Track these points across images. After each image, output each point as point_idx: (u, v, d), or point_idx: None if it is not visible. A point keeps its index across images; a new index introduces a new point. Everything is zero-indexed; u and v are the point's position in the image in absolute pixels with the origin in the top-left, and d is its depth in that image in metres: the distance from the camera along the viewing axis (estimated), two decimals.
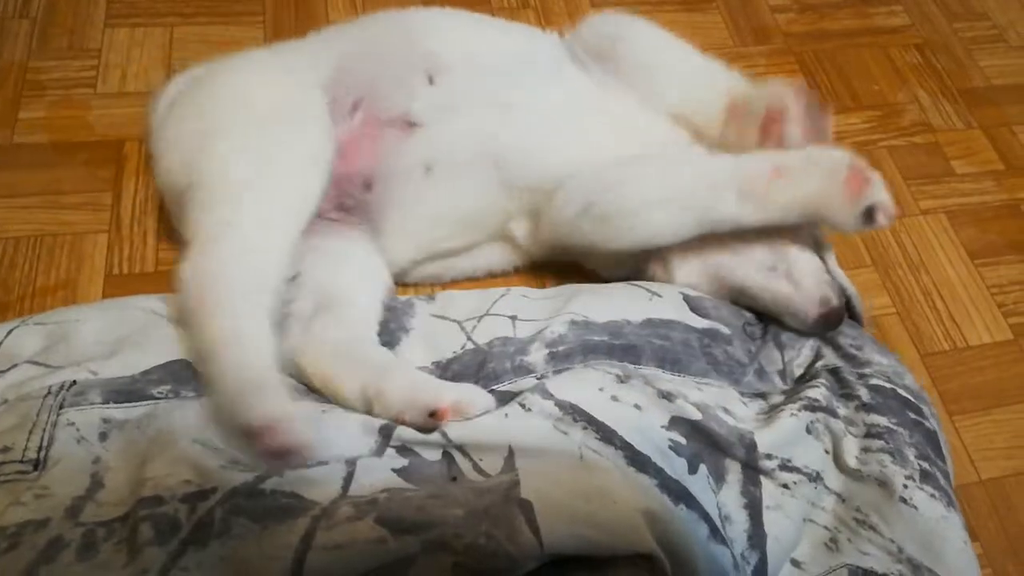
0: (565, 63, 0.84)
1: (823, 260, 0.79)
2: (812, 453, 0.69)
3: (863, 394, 0.72)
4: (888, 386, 0.73)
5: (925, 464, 0.69)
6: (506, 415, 0.65)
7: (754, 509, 0.66)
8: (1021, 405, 0.87)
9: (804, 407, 0.70)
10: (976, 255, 0.99)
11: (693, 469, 0.65)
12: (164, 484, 0.57)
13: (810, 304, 0.75)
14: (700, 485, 0.64)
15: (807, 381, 0.74)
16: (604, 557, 0.56)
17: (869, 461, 0.69)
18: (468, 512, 0.56)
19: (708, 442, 0.67)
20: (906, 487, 0.67)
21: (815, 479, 0.69)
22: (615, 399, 0.66)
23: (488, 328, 0.74)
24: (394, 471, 0.61)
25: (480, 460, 0.62)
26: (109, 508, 0.57)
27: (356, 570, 0.53)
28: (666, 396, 0.68)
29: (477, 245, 0.84)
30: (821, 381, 0.73)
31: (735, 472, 0.67)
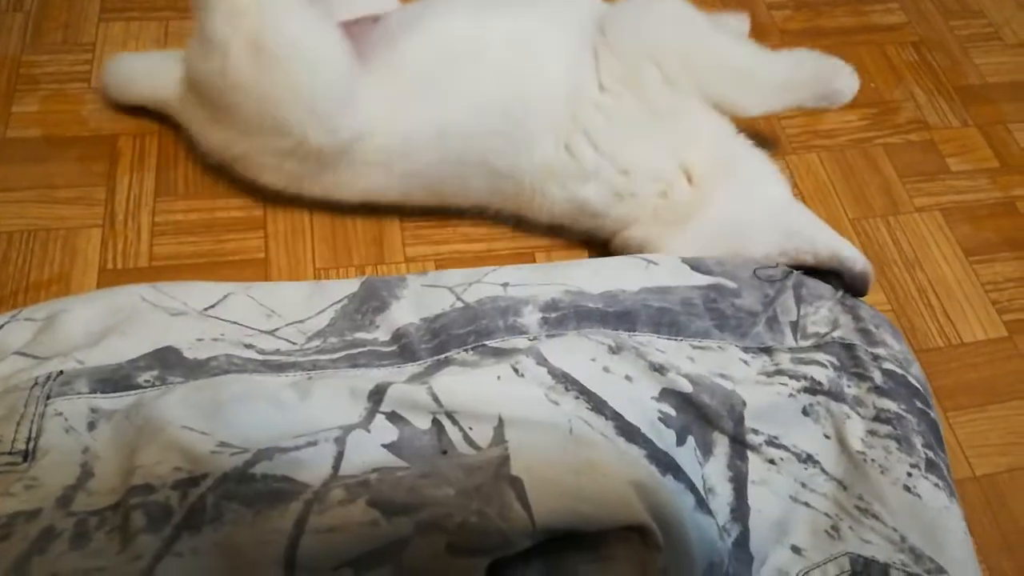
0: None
1: None
2: (806, 435, 0.69)
3: (876, 377, 0.72)
4: (900, 372, 0.73)
5: (930, 453, 0.69)
6: (498, 377, 0.65)
7: (739, 483, 0.66)
8: (1016, 402, 0.87)
9: (804, 389, 0.70)
10: (971, 252, 0.99)
11: (681, 441, 0.65)
12: (154, 472, 0.57)
13: (857, 255, 0.79)
14: (687, 457, 0.65)
15: (819, 349, 0.74)
16: (597, 535, 0.56)
17: (874, 445, 0.69)
18: (459, 491, 0.56)
19: (697, 415, 0.67)
20: (910, 475, 0.67)
21: (806, 460, 0.69)
22: (607, 370, 0.67)
23: (479, 291, 0.74)
24: (384, 447, 0.61)
25: (470, 429, 0.62)
26: (100, 497, 0.57)
27: (350, 553, 0.53)
28: (658, 369, 0.68)
29: None
30: (830, 359, 0.72)
31: (722, 445, 0.68)
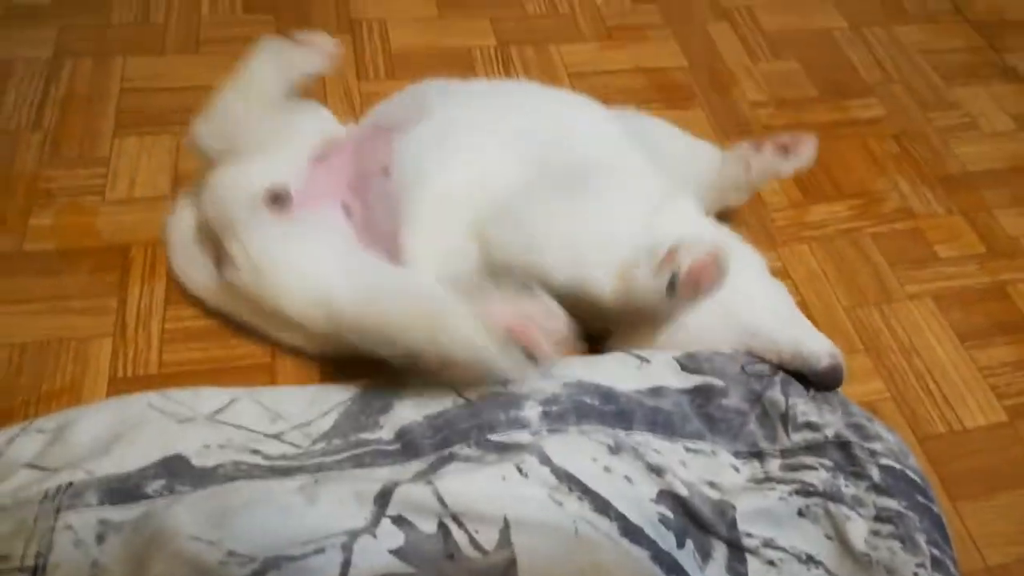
0: None
1: None
2: (804, 536, 0.69)
3: (874, 474, 0.72)
4: (898, 467, 0.73)
5: (936, 551, 0.68)
6: (503, 478, 0.65)
7: None
8: (1022, 489, 0.87)
9: (796, 491, 0.71)
10: (965, 337, 1.01)
11: (681, 544, 0.66)
12: None
13: (822, 351, 0.77)
14: (688, 559, 0.65)
15: (811, 452, 0.74)
16: None
17: (879, 546, 0.69)
18: None
19: (693, 519, 0.68)
20: (917, 575, 0.67)
21: (807, 561, 0.68)
22: (607, 469, 0.68)
23: (479, 387, 0.75)
24: (391, 552, 0.61)
25: (476, 532, 0.62)
26: None
27: None
28: (655, 470, 0.69)
29: None
30: (824, 462, 0.73)
31: (720, 550, 0.68)
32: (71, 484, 0.66)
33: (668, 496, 0.68)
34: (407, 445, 0.71)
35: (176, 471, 0.68)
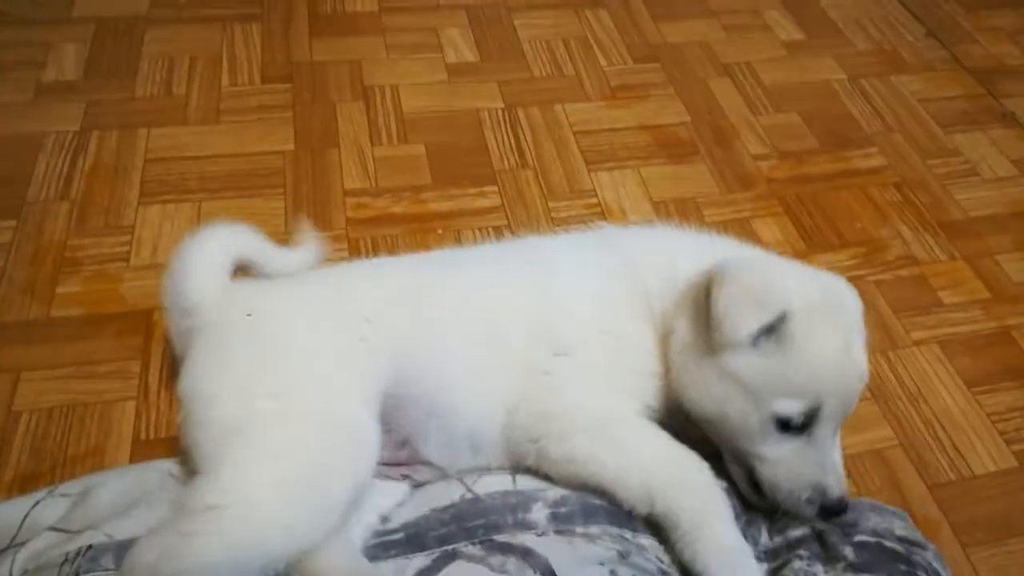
0: None
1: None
2: None
3: (848, 553, 0.74)
4: (874, 541, 0.74)
5: None
6: None
7: None
8: None
9: None
10: (973, 383, 1.02)
11: None
12: None
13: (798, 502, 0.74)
14: None
15: (790, 549, 0.75)
16: None
17: None
18: None
19: None
20: None
21: None
22: (614, 575, 0.68)
23: (488, 482, 0.77)
24: None
25: None
26: None
27: None
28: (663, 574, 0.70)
29: None
30: (802, 552, 0.74)
31: None
32: (90, 548, 0.68)
33: None
34: (411, 538, 0.73)
35: None
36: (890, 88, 1.48)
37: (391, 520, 0.75)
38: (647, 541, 0.73)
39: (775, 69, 1.49)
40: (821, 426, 0.73)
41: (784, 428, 0.73)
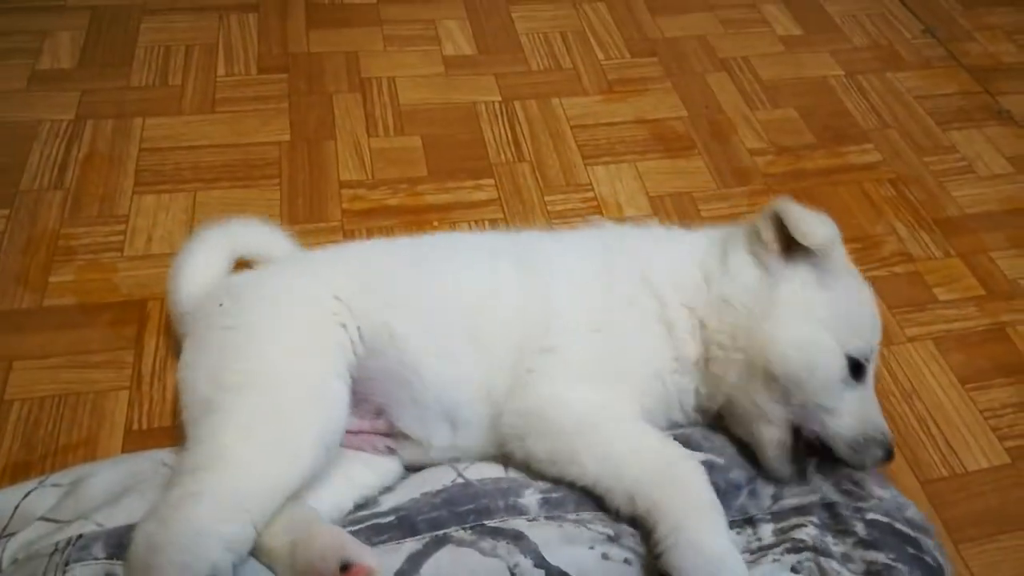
0: None
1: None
2: None
3: (859, 529, 0.74)
4: (885, 520, 0.74)
5: None
6: None
7: None
8: None
9: (788, 550, 0.71)
10: (966, 380, 1.02)
11: None
12: None
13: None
14: None
15: (799, 512, 0.75)
16: None
17: None
18: None
19: None
20: None
21: None
22: (605, 556, 0.69)
23: (480, 469, 0.77)
24: None
25: None
26: None
27: None
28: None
29: None
30: (812, 519, 0.74)
31: None
32: (80, 537, 0.68)
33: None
34: (402, 521, 0.73)
35: None
36: (887, 84, 1.48)
37: (381, 504, 0.75)
38: None
39: (772, 64, 1.49)
40: (869, 374, 0.78)
41: (855, 372, 0.77)
